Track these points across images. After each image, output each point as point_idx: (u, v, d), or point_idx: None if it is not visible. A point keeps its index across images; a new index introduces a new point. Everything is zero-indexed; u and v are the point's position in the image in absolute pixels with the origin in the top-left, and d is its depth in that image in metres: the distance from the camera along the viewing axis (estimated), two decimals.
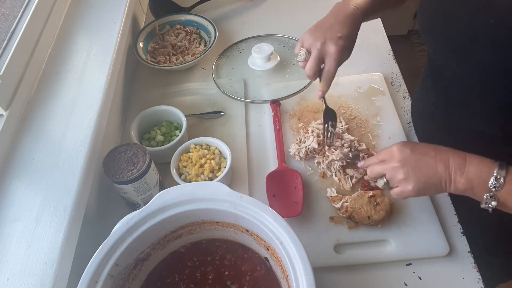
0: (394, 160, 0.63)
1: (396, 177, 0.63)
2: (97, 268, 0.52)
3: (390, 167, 0.63)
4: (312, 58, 0.71)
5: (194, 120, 0.96)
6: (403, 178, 0.62)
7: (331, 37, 0.70)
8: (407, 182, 0.62)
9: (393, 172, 0.63)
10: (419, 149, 0.63)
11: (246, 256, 0.63)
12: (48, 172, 0.69)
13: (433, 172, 0.60)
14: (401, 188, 0.63)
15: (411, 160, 0.62)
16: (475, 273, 0.69)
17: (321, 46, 0.70)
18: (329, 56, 0.70)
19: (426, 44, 0.74)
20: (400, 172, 0.62)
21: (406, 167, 0.62)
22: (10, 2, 0.88)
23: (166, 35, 1.16)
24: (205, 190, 0.58)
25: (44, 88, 0.82)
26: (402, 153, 0.63)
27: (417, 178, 0.61)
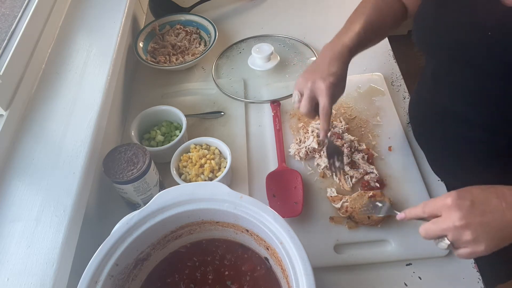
0: (454, 217, 0.54)
1: (462, 238, 0.54)
2: (97, 268, 0.52)
3: (451, 227, 0.54)
4: (305, 97, 0.73)
5: (194, 120, 0.96)
6: (472, 239, 0.53)
7: (320, 76, 0.72)
8: (478, 242, 0.53)
9: (457, 233, 0.54)
10: (479, 199, 0.54)
11: (246, 256, 0.63)
12: (48, 172, 0.69)
13: (504, 225, 0.53)
14: (471, 249, 0.55)
15: (475, 215, 0.53)
16: (475, 273, 0.69)
17: (311, 85, 0.72)
18: (320, 93, 0.72)
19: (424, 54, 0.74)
20: (467, 232, 0.53)
21: (472, 225, 0.53)
22: (10, 2, 0.88)
23: (166, 35, 1.16)
24: (205, 190, 0.58)
25: (44, 88, 0.82)
26: (462, 208, 0.54)
27: (488, 236, 0.53)
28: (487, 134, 0.69)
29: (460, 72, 0.66)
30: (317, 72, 0.73)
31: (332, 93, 0.71)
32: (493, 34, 0.58)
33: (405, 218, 0.61)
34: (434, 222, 0.56)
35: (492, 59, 0.59)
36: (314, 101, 0.73)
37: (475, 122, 0.70)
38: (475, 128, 0.70)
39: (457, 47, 0.64)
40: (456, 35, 0.63)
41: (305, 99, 0.73)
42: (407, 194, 0.79)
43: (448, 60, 0.68)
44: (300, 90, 0.75)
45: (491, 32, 0.58)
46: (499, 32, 0.57)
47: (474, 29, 0.60)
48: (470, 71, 0.64)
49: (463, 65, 0.64)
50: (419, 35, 0.71)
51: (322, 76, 0.71)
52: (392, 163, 0.84)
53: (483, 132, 0.69)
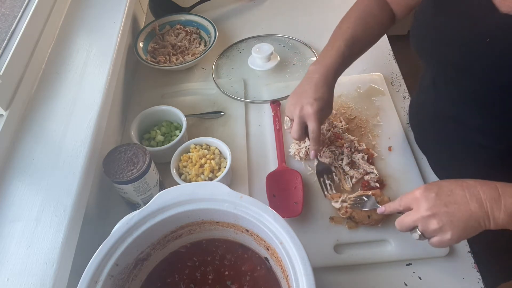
0: (422, 209, 0.58)
1: (429, 227, 0.58)
2: (97, 268, 0.52)
3: (419, 218, 0.58)
4: (295, 124, 0.77)
5: (194, 120, 0.96)
6: (438, 228, 0.57)
7: (307, 101, 0.75)
8: (444, 231, 0.57)
9: (425, 223, 0.58)
10: (444, 190, 0.58)
11: (246, 256, 0.63)
12: (48, 172, 0.69)
13: (468, 214, 0.56)
14: (439, 237, 0.58)
15: (440, 206, 0.57)
16: (475, 273, 0.69)
17: (300, 112, 0.75)
18: (308, 118, 0.75)
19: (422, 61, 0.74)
20: (433, 221, 0.57)
21: (437, 215, 0.57)
22: (10, 2, 0.88)
23: (166, 35, 1.16)
24: (205, 190, 0.58)
25: (44, 88, 0.82)
26: (428, 199, 0.58)
27: (453, 225, 0.56)
28: (486, 138, 0.69)
29: (458, 78, 0.67)
30: (304, 97, 0.75)
31: (319, 117, 0.75)
32: (491, 41, 0.58)
33: (385, 211, 0.67)
34: (407, 214, 0.61)
35: (490, 65, 0.60)
36: (304, 126, 0.77)
37: (474, 126, 0.70)
38: (474, 132, 0.70)
39: (454, 54, 0.64)
40: (453, 41, 0.64)
41: (295, 125, 0.77)
42: None
43: (446, 66, 0.68)
44: (290, 116, 0.79)
45: (489, 39, 0.58)
46: (497, 38, 0.57)
47: (472, 35, 0.61)
48: (467, 77, 0.64)
49: (461, 71, 0.65)
50: (417, 42, 0.71)
51: (309, 102, 0.74)
52: (392, 163, 0.84)
53: (482, 136, 0.69)
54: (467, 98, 0.68)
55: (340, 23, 0.82)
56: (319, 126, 0.75)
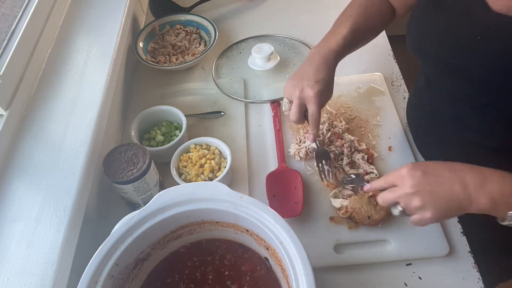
0: (406, 186, 0.58)
1: (411, 204, 0.58)
2: (97, 268, 0.52)
3: (403, 194, 0.58)
4: (294, 105, 0.75)
5: (194, 120, 0.96)
6: (420, 206, 0.57)
7: (307, 83, 0.73)
8: (425, 209, 0.57)
9: (408, 199, 0.58)
10: (431, 170, 0.58)
11: (246, 256, 0.63)
12: (48, 172, 0.69)
13: (451, 195, 0.56)
14: (419, 215, 0.58)
15: (424, 184, 0.57)
16: (475, 273, 0.69)
17: (300, 93, 0.74)
18: (308, 101, 0.74)
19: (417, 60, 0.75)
20: (416, 199, 0.57)
21: (420, 193, 0.57)
22: (10, 2, 0.88)
23: (166, 35, 1.16)
24: (205, 190, 0.58)
25: (44, 88, 0.82)
26: (414, 177, 0.58)
27: (435, 204, 0.57)
28: (480, 137, 0.69)
29: (452, 77, 0.67)
30: (304, 79, 0.74)
31: (320, 100, 0.74)
32: (482, 39, 0.58)
33: (371, 189, 0.67)
34: (390, 190, 0.61)
35: (481, 64, 0.60)
36: (303, 108, 0.75)
37: (468, 124, 0.70)
38: (469, 130, 0.70)
39: (447, 52, 0.64)
40: (446, 40, 0.64)
41: (294, 107, 0.75)
42: None
43: (439, 65, 0.68)
44: (289, 97, 0.77)
45: (480, 37, 0.58)
46: (488, 37, 0.58)
47: (464, 34, 0.61)
48: (460, 76, 0.64)
49: (454, 70, 0.65)
50: (412, 41, 0.72)
51: (309, 84, 0.73)
52: (392, 163, 0.84)
53: (476, 135, 0.70)
54: (460, 96, 0.68)
55: (343, 12, 0.82)
56: (319, 109, 0.74)
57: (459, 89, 0.67)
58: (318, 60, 0.75)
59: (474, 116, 0.68)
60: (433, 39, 0.66)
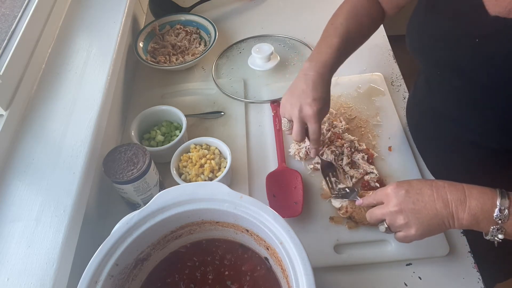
0: (391, 204, 0.61)
1: (396, 222, 0.61)
2: (97, 268, 0.52)
3: (388, 212, 0.61)
4: (295, 126, 0.76)
5: (194, 120, 0.96)
6: (404, 223, 0.60)
7: (305, 102, 0.74)
8: (409, 227, 0.60)
9: (392, 217, 0.61)
10: (414, 188, 0.60)
11: (246, 256, 0.63)
12: (48, 172, 0.69)
13: (433, 213, 0.58)
14: (404, 233, 0.61)
15: (408, 203, 0.59)
16: (475, 273, 0.69)
17: (299, 113, 0.74)
18: (308, 120, 0.75)
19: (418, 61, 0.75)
20: (400, 217, 0.60)
21: (404, 211, 0.59)
22: (10, 2, 0.88)
23: (166, 35, 1.16)
24: (205, 190, 0.58)
25: (44, 88, 0.82)
26: (398, 195, 0.60)
27: (418, 222, 0.59)
28: (479, 137, 0.69)
29: (450, 78, 0.67)
30: (302, 97, 0.74)
31: (320, 118, 0.75)
32: (480, 41, 0.58)
33: (362, 204, 0.69)
34: (377, 207, 0.64)
35: (481, 66, 0.60)
36: (305, 126, 0.76)
37: (466, 125, 0.70)
38: (467, 131, 0.71)
39: (445, 53, 0.65)
40: (444, 41, 0.64)
41: (296, 127, 0.76)
42: None
43: (438, 66, 0.68)
44: (288, 117, 0.78)
45: (478, 39, 0.58)
46: (486, 39, 0.58)
47: (462, 36, 0.61)
48: (460, 77, 0.64)
49: (452, 71, 0.65)
50: (411, 41, 0.72)
51: (308, 102, 0.73)
52: (392, 163, 0.84)
53: (475, 135, 0.70)
54: (459, 97, 0.68)
55: (332, 18, 0.81)
56: (319, 126, 0.75)
57: (458, 90, 0.67)
58: (314, 76, 0.74)
59: (473, 116, 0.68)
60: (432, 41, 0.66)
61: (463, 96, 0.67)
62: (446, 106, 0.72)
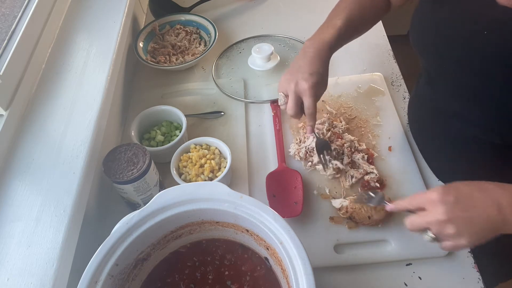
0: (438, 212, 0.55)
1: (445, 232, 0.56)
2: (97, 268, 0.52)
3: (435, 221, 0.56)
4: (290, 100, 0.75)
5: (194, 120, 0.96)
6: (454, 233, 0.55)
7: (301, 76, 0.73)
8: (460, 236, 0.55)
9: (441, 227, 0.56)
10: (463, 194, 0.56)
11: (246, 256, 0.63)
12: (48, 172, 0.69)
13: (486, 219, 0.54)
14: (453, 242, 0.56)
15: (458, 211, 0.55)
16: (475, 273, 0.69)
17: (295, 87, 0.74)
18: (303, 94, 0.74)
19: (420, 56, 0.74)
20: (450, 226, 0.55)
21: (454, 220, 0.55)
22: (10, 2, 0.88)
23: (166, 35, 1.16)
24: (205, 190, 0.58)
25: (44, 88, 0.82)
26: (446, 203, 0.55)
27: (469, 230, 0.55)
28: (483, 132, 0.69)
29: (455, 72, 0.66)
30: (299, 72, 0.74)
31: (315, 92, 0.74)
32: (489, 34, 0.58)
33: (395, 209, 0.64)
34: (420, 215, 0.58)
35: (487, 58, 0.60)
36: (299, 102, 0.75)
37: (471, 120, 0.70)
38: (471, 126, 0.70)
39: (453, 48, 0.64)
40: (452, 35, 0.64)
41: (290, 101, 0.75)
42: (407, 194, 0.79)
43: (444, 60, 0.68)
44: (284, 91, 0.77)
45: (486, 31, 0.58)
46: (495, 31, 0.57)
47: (471, 29, 0.61)
48: (465, 70, 0.64)
49: (460, 65, 0.65)
50: (417, 37, 0.71)
51: (304, 77, 0.73)
52: (392, 163, 0.84)
53: (479, 130, 0.69)
54: (465, 92, 0.68)
55: (338, 4, 0.82)
56: (315, 101, 0.74)
57: (462, 84, 0.67)
58: (312, 53, 0.74)
59: (478, 111, 0.68)
60: (438, 33, 0.66)
61: (467, 89, 0.66)
62: (451, 102, 0.72)
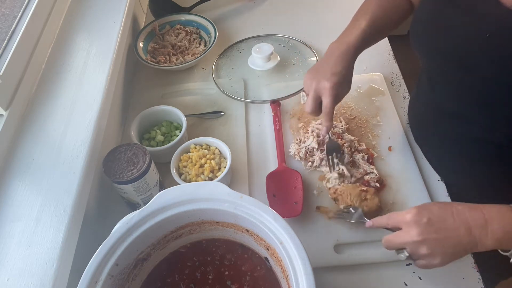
0: (412, 233, 0.58)
1: (419, 252, 0.59)
2: (97, 268, 0.52)
3: (410, 241, 0.59)
4: (309, 97, 0.76)
5: (194, 120, 0.96)
6: (428, 254, 0.58)
7: (323, 76, 0.73)
8: (433, 256, 0.58)
9: (415, 247, 0.59)
10: (436, 216, 0.58)
11: (246, 256, 0.63)
12: (48, 172, 0.69)
13: (457, 241, 0.57)
14: (426, 262, 0.59)
15: (430, 232, 0.57)
16: (475, 273, 0.69)
17: (316, 85, 0.74)
18: (323, 92, 0.74)
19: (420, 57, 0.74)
20: (423, 247, 0.58)
21: (427, 241, 0.57)
22: (10, 2, 0.88)
23: (166, 35, 1.16)
24: (205, 190, 0.58)
25: (44, 88, 0.82)
26: (419, 224, 0.58)
27: (442, 251, 0.58)
28: (484, 132, 0.69)
29: (458, 74, 0.66)
30: (321, 72, 0.74)
31: (335, 93, 0.73)
32: (492, 36, 0.58)
33: (373, 226, 0.66)
34: (395, 235, 0.61)
35: (491, 61, 0.60)
36: (318, 101, 0.75)
37: (472, 120, 0.70)
38: (472, 126, 0.70)
39: (455, 49, 0.64)
40: (455, 37, 0.63)
41: (309, 99, 0.75)
42: (407, 194, 0.79)
43: (446, 61, 0.68)
44: (306, 91, 0.77)
45: (489, 34, 0.58)
46: (498, 33, 0.57)
47: (474, 30, 0.60)
48: (468, 73, 0.64)
49: (462, 66, 0.64)
50: (417, 38, 0.71)
51: (326, 76, 0.73)
52: (392, 163, 0.84)
53: (480, 130, 0.69)
54: (466, 92, 0.68)
55: (361, 7, 0.82)
56: (333, 101, 0.74)
57: (465, 86, 0.66)
58: (337, 54, 0.75)
59: (480, 112, 0.67)
60: (440, 35, 0.66)
61: (470, 91, 0.66)
62: (451, 103, 0.72)
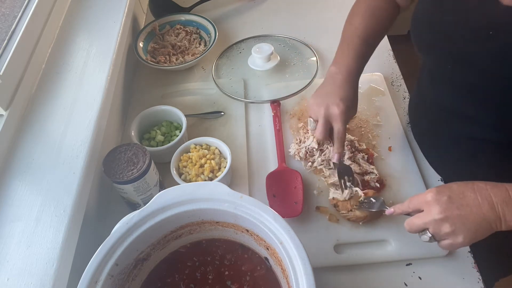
0: (434, 212, 0.58)
1: (442, 230, 0.58)
2: (97, 268, 0.52)
3: (432, 220, 0.58)
4: (320, 124, 0.75)
5: (194, 120, 0.96)
6: (451, 231, 0.57)
7: (332, 101, 0.73)
8: (456, 235, 0.57)
9: (437, 226, 0.58)
10: (456, 193, 0.58)
11: (246, 256, 0.63)
12: (48, 172, 0.69)
13: (480, 217, 0.56)
14: (450, 241, 0.58)
15: (452, 209, 0.57)
16: (475, 273, 0.69)
17: (325, 112, 0.74)
18: (334, 119, 0.74)
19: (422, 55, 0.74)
20: (446, 225, 0.57)
21: (450, 218, 0.57)
22: (10, 2, 0.87)
23: (166, 35, 1.16)
24: (205, 190, 0.58)
25: (44, 88, 0.82)
26: (440, 202, 0.57)
27: (465, 228, 0.56)
28: (485, 130, 0.69)
29: (459, 71, 0.66)
30: (329, 97, 0.74)
31: (346, 118, 0.74)
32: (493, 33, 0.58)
33: (394, 213, 0.66)
34: (417, 216, 0.60)
35: (491, 58, 0.60)
36: (329, 126, 0.75)
37: (473, 118, 0.70)
38: (473, 126, 0.70)
39: (456, 47, 0.64)
40: (456, 34, 0.63)
41: (320, 126, 0.75)
42: (407, 194, 0.79)
43: (447, 59, 0.68)
44: (314, 116, 0.77)
45: (492, 31, 0.58)
46: (499, 31, 0.57)
47: (475, 28, 0.61)
48: (469, 69, 0.64)
49: (463, 64, 0.64)
50: (417, 34, 0.71)
51: (335, 102, 0.73)
52: (392, 163, 0.84)
53: (481, 128, 0.70)
54: (467, 90, 0.68)
55: (350, 18, 0.81)
56: (345, 127, 0.74)
57: (466, 83, 0.66)
58: (341, 80, 0.75)
59: (481, 109, 0.67)
60: (441, 32, 0.66)
61: (471, 88, 0.66)
62: (453, 100, 0.72)
